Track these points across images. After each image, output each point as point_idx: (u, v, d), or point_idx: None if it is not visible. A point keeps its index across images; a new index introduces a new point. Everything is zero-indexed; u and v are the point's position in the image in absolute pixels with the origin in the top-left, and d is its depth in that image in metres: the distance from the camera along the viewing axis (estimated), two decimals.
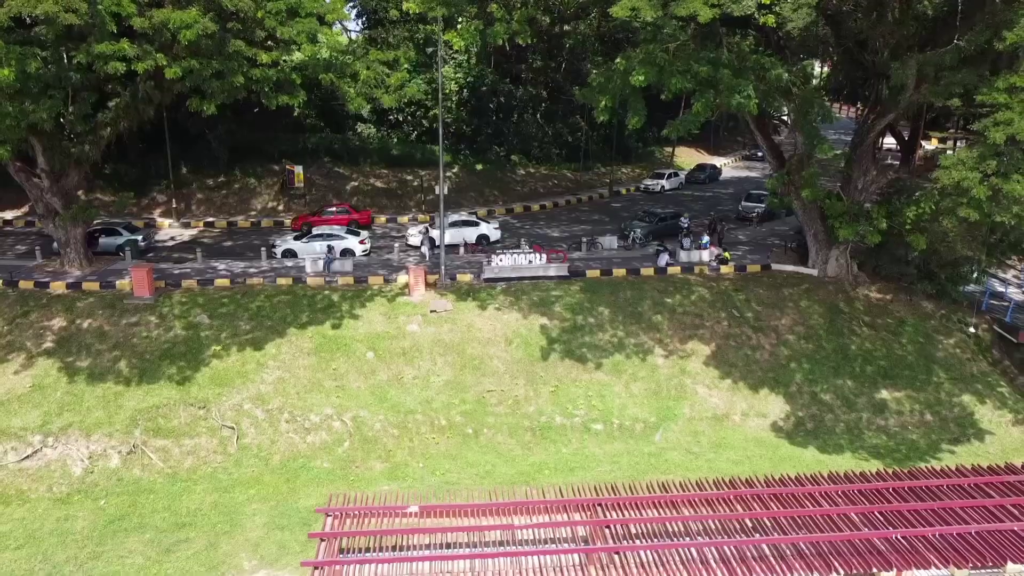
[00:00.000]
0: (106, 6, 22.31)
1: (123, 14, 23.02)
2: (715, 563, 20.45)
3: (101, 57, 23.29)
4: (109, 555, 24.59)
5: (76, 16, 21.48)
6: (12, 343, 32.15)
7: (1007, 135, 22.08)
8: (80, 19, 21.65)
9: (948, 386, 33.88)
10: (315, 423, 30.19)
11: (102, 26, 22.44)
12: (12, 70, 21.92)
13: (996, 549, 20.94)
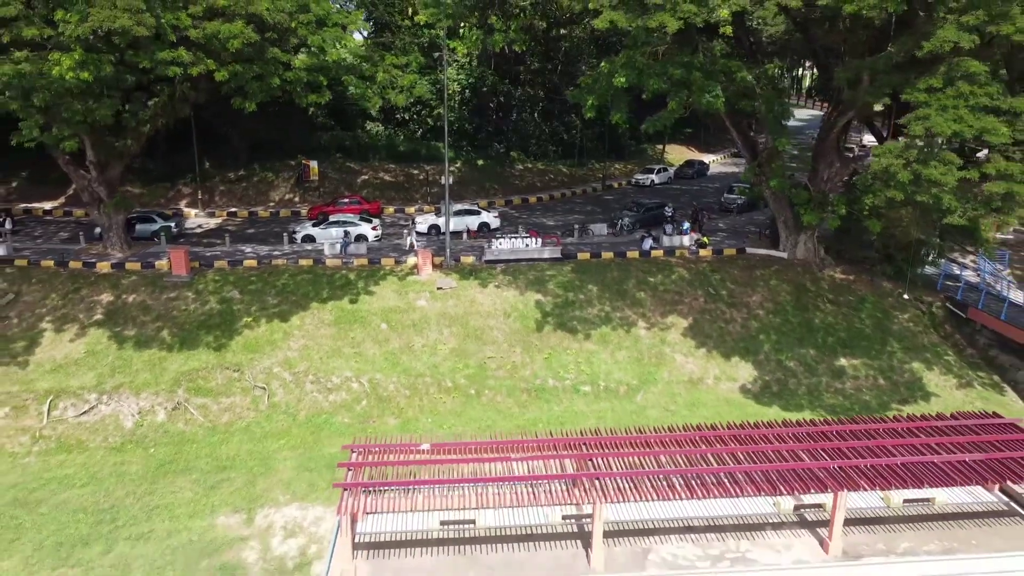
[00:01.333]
0: (167, 20, 26.10)
1: (181, 26, 26.77)
2: (680, 487, 24.32)
3: (162, 62, 27.07)
4: (162, 491, 28.43)
5: (145, 29, 25.28)
6: (66, 315, 36.04)
7: (925, 128, 25.82)
8: (148, 31, 25.46)
9: (900, 355, 37.70)
10: (336, 384, 34.04)
11: (164, 36, 26.24)
12: (90, 73, 25.73)
13: (917, 476, 24.85)
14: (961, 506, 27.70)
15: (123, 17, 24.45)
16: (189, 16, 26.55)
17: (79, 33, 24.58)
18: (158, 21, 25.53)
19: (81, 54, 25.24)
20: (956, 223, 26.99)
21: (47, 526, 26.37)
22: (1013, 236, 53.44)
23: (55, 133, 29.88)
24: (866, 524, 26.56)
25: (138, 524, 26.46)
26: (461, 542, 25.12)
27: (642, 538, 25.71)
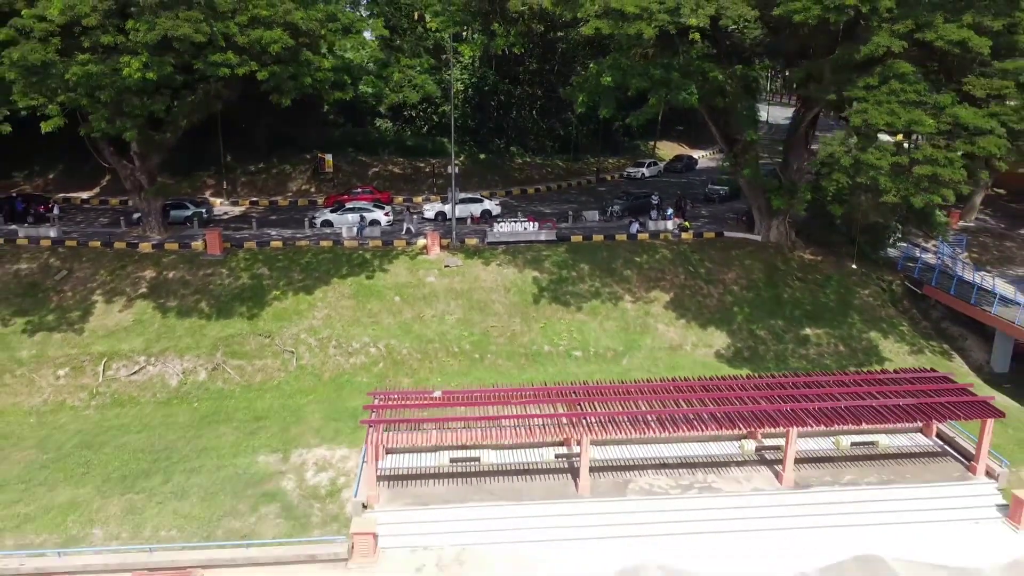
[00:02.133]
0: (219, 29, 30.11)
1: (230, 33, 30.77)
2: (654, 424, 28.65)
3: (214, 64, 31.17)
4: (207, 436, 32.60)
5: (202, 35, 29.35)
6: (115, 289, 40.24)
7: (863, 120, 29.89)
8: (204, 37, 29.55)
9: (860, 325, 41.88)
10: (356, 349, 38.22)
11: (216, 42, 30.31)
12: (154, 73, 29.82)
13: (857, 416, 29.30)
14: (901, 448, 32.19)
15: (184, 26, 28.51)
16: (236, 25, 30.63)
17: (147, 39, 28.69)
18: (212, 29, 29.61)
19: (147, 57, 29.33)
20: (891, 201, 31.01)
21: (111, 463, 30.53)
22: (975, 224, 57.60)
23: (118, 125, 34.02)
24: (818, 463, 31.00)
25: (190, 461, 30.64)
26: (468, 475, 29.55)
27: (623, 472, 30.16)
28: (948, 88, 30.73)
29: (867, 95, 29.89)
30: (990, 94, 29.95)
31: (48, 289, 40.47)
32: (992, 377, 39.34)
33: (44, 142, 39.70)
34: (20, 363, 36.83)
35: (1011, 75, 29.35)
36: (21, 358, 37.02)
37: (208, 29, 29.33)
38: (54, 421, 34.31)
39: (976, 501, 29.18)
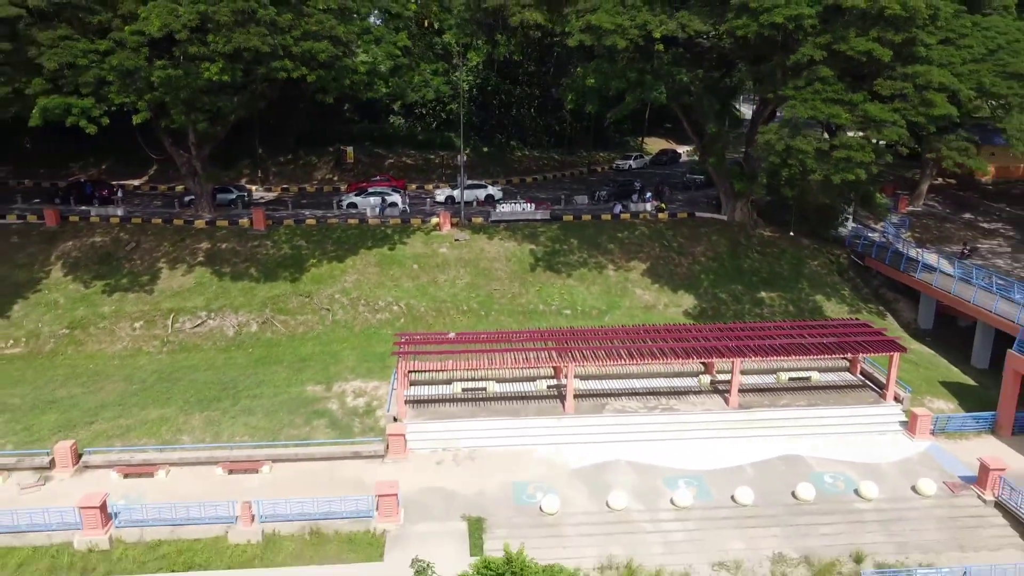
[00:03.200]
0: (279, 41, 36.88)
1: (287, 45, 37.59)
2: (625, 355, 35.59)
3: (276, 69, 37.98)
4: (263, 373, 39.47)
5: (267, 47, 36.23)
6: (177, 257, 47.20)
7: (792, 113, 36.76)
8: (268, 48, 36.36)
9: (808, 290, 48.76)
10: (381, 307, 45.16)
11: (276, 51, 37.11)
12: (228, 76, 36.64)
13: (789, 350, 36.15)
14: (830, 382, 39.26)
15: (254, 39, 35.28)
16: (292, 37, 37.35)
17: (224, 50, 35.48)
18: (274, 41, 36.33)
19: (223, 63, 36.11)
20: (817, 179, 37.85)
21: (188, 391, 37.40)
22: (922, 209, 64.47)
23: (192, 118, 40.91)
24: (761, 392, 38.04)
25: (251, 390, 37.50)
26: (477, 400, 36.48)
27: (601, 398, 37.17)
28: (861, 89, 37.56)
29: (796, 94, 36.74)
30: (893, 93, 36.79)
31: (120, 258, 47.48)
32: (918, 332, 46.27)
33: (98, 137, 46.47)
34: (102, 317, 43.84)
35: (910, 78, 36.22)
36: (103, 313, 44.02)
37: (272, 41, 36.10)
38: (134, 363, 41.28)
39: (883, 419, 36.13)
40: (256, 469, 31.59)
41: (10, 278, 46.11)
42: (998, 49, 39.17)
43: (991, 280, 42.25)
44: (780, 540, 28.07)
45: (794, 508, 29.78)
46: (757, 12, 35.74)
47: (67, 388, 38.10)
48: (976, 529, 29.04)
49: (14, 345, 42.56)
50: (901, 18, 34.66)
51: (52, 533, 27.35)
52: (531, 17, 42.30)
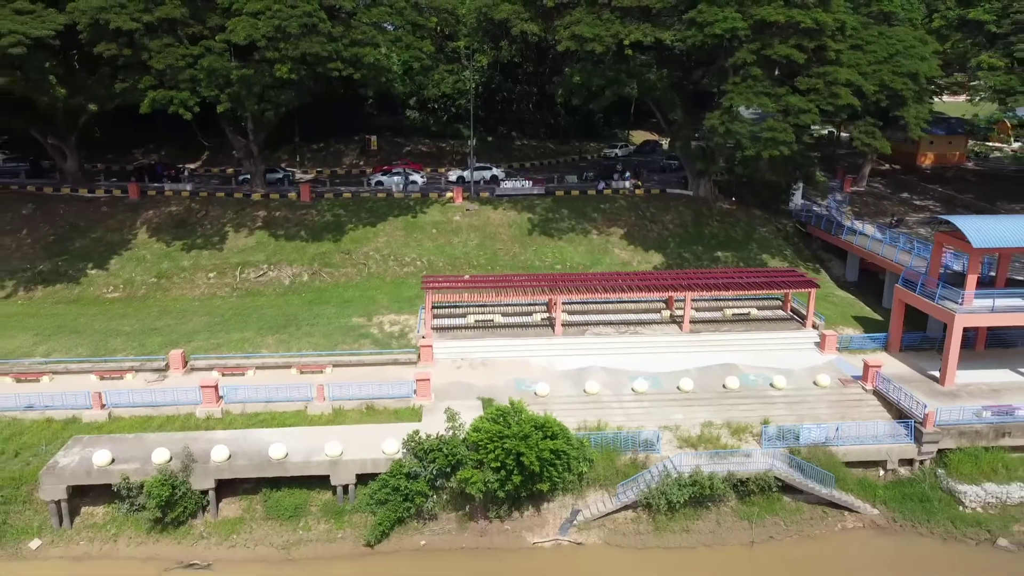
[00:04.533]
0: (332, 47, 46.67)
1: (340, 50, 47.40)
2: (601, 288, 45.59)
3: (329, 69, 47.70)
4: (316, 310, 49.24)
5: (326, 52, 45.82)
6: (240, 223, 57.10)
7: (731, 102, 46.66)
8: (326, 53, 46.08)
9: (757, 250, 58.59)
10: (407, 262, 55.02)
11: (331, 55, 46.87)
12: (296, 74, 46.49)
13: (729, 287, 46.12)
14: (765, 316, 48.93)
15: (316, 46, 45.14)
16: (343, 44, 47.12)
17: (293, 55, 45.30)
18: (330, 47, 46.18)
19: (291, 64, 45.91)
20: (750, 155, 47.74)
21: (259, 322, 47.20)
22: (865, 189, 74.43)
23: (262, 108, 50.83)
24: (709, 323, 47.71)
25: (309, 321, 47.28)
26: (486, 327, 46.22)
27: (583, 326, 46.99)
28: (785, 84, 47.43)
29: (734, 88, 46.58)
30: (809, 88, 46.67)
31: (193, 223, 57.41)
32: (844, 283, 56.12)
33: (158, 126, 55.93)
34: (183, 269, 53.77)
35: (821, 76, 46.09)
36: (183, 266, 53.95)
37: (328, 47, 45.84)
38: (211, 304, 51.18)
39: (801, 340, 45.99)
40: (321, 370, 41.50)
41: (104, 239, 56.07)
42: (897, 53, 49.16)
43: (897, 239, 52.35)
44: (710, 413, 37.98)
45: (723, 394, 39.71)
46: (703, 25, 45.66)
47: (163, 321, 47.98)
48: (857, 407, 38.97)
49: (114, 291, 52.52)
50: (813, 30, 44.53)
51: (179, 407, 37.27)
52: (528, 28, 52.12)
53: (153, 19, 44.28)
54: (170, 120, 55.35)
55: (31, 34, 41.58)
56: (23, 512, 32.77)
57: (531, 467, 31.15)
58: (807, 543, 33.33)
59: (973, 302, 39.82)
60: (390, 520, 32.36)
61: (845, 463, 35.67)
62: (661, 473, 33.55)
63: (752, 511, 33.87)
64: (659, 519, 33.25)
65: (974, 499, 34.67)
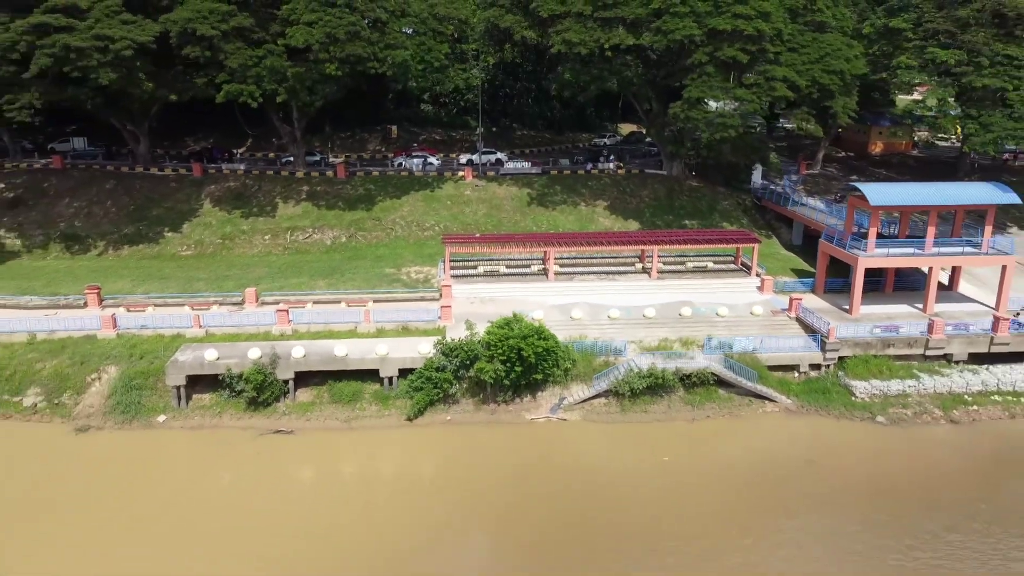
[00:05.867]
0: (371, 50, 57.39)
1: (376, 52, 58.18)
2: (586, 243, 56.46)
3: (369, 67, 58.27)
4: (355, 263, 59.88)
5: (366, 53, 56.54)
6: (287, 195, 67.89)
7: (689, 95, 57.42)
8: (366, 54, 56.75)
9: (719, 219, 69.35)
10: (427, 227, 65.79)
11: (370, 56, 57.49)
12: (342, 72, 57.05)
13: (689, 242, 57.01)
14: (719, 268, 59.67)
15: (359, 48, 55.80)
16: (378, 47, 57.77)
17: (340, 56, 55.96)
18: (370, 49, 56.90)
19: (338, 64, 56.56)
20: (706, 137, 58.48)
21: (309, 270, 57.86)
22: (819, 172, 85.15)
23: (310, 99, 61.51)
24: (673, 274, 58.40)
25: (350, 271, 57.92)
26: (493, 275, 57.01)
27: (572, 275, 57.54)
28: (733, 79, 58.35)
29: (692, 83, 57.48)
30: (754, 83, 57.50)
31: (249, 196, 68.21)
32: (790, 246, 66.81)
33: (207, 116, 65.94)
34: (243, 232, 64.57)
35: (762, 73, 56.92)
36: (243, 230, 64.76)
37: (368, 49, 56.56)
38: (268, 259, 61.93)
39: (746, 285, 56.66)
40: (364, 304, 52.28)
41: (176, 208, 66.85)
42: (826, 55, 59.97)
43: (829, 207, 63.22)
44: (667, 332, 48.70)
45: (678, 320, 50.49)
46: (666, 32, 56.49)
47: (231, 271, 58.68)
48: (782, 329, 49.70)
49: (187, 249, 63.34)
50: (755, 36, 55.37)
51: (259, 327, 48.03)
52: (527, 34, 62.72)
53: (228, 27, 54.90)
54: (217, 111, 65.96)
55: (137, 39, 52.35)
56: (151, 396, 43.63)
57: (529, 359, 41.99)
58: (735, 421, 44.15)
59: (874, 249, 50.72)
60: (424, 402, 43.16)
61: (768, 367, 46.46)
62: (626, 369, 44.38)
63: (694, 398, 44.71)
64: (624, 403, 44.07)
65: (863, 391, 45.49)
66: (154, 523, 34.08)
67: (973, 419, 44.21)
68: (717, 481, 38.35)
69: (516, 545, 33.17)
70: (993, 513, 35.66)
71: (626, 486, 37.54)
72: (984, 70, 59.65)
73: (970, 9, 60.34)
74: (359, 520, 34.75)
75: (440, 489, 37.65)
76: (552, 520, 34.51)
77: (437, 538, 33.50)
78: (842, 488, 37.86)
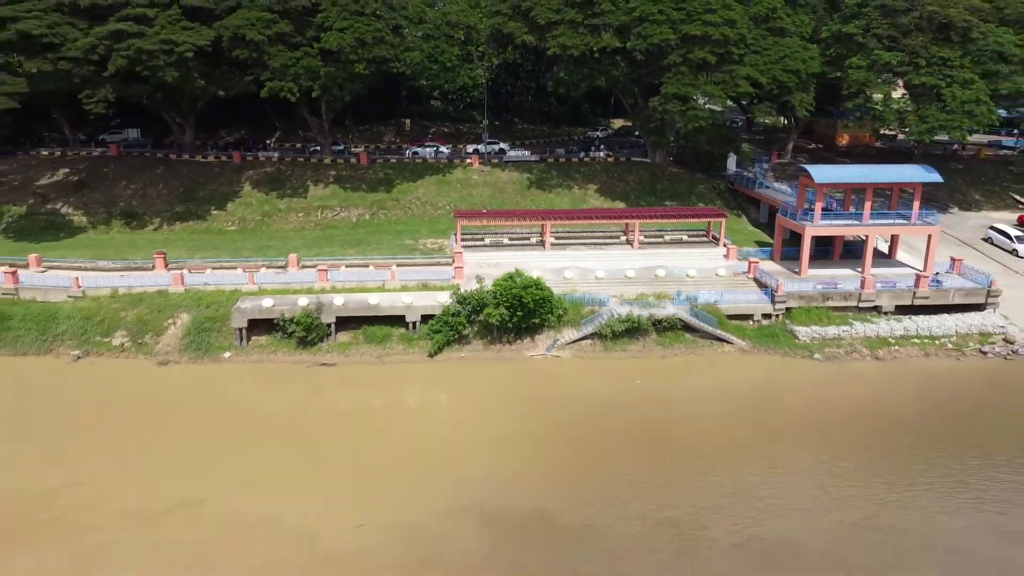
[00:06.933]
0: (393, 52, 66.36)
1: (397, 53, 67.36)
2: (577, 219, 65.55)
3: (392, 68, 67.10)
4: (378, 236, 68.72)
5: (389, 55, 65.57)
6: (317, 179, 76.83)
7: (666, 91, 66.35)
8: (389, 55, 65.80)
9: (695, 201, 78.23)
10: (440, 206, 74.71)
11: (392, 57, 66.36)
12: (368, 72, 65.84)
13: (664, 216, 66.14)
14: (693, 240, 68.65)
15: (384, 51, 64.67)
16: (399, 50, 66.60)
17: (368, 57, 64.85)
18: (392, 51, 65.91)
19: (365, 64, 65.45)
20: (681, 126, 67.42)
21: (339, 242, 66.74)
22: (789, 160, 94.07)
23: (340, 95, 70.49)
24: (652, 245, 67.42)
25: (375, 242, 66.83)
26: (497, 246, 66.05)
27: (564, 246, 66.61)
28: (704, 77, 67.30)
29: (668, 80, 66.45)
30: (723, 80, 66.48)
31: (283, 180, 77.14)
32: (757, 223, 75.72)
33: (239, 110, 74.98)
34: (279, 210, 73.53)
35: (728, 72, 65.90)
36: (280, 208, 73.72)
37: (391, 52, 65.51)
38: (303, 233, 70.86)
39: (714, 253, 65.56)
40: (388, 267, 61.25)
41: (219, 190, 75.78)
42: (785, 56, 68.96)
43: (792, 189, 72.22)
44: (644, 288, 57.52)
45: (654, 279, 59.38)
46: (646, 36, 65.55)
47: (272, 242, 67.54)
48: (742, 286, 58.62)
49: (231, 225, 72.29)
50: (721, 40, 64.39)
51: (303, 284, 56.99)
52: (527, 38, 71.51)
53: (271, 32, 63.79)
54: (248, 106, 74.77)
55: (196, 43, 61.36)
56: (218, 337, 52.58)
57: (529, 305, 50.95)
58: (699, 358, 53.05)
59: (819, 220, 59.70)
60: (442, 342, 52.09)
61: (728, 316, 55.35)
62: (608, 316, 53.30)
63: (665, 340, 53.65)
64: (607, 343, 53.02)
65: (804, 335, 54.42)
66: (223, 435, 42.77)
67: (894, 357, 53.19)
68: (682, 403, 47.37)
69: (519, 452, 41.80)
70: (905, 427, 44.74)
71: (607, 407, 46.40)
72: (921, 69, 68.57)
73: (910, 17, 69.21)
74: (388, 433, 43.59)
75: (455, 411, 46.62)
76: (548, 433, 43.19)
77: (452, 447, 42.20)
78: (782, 408, 46.99)
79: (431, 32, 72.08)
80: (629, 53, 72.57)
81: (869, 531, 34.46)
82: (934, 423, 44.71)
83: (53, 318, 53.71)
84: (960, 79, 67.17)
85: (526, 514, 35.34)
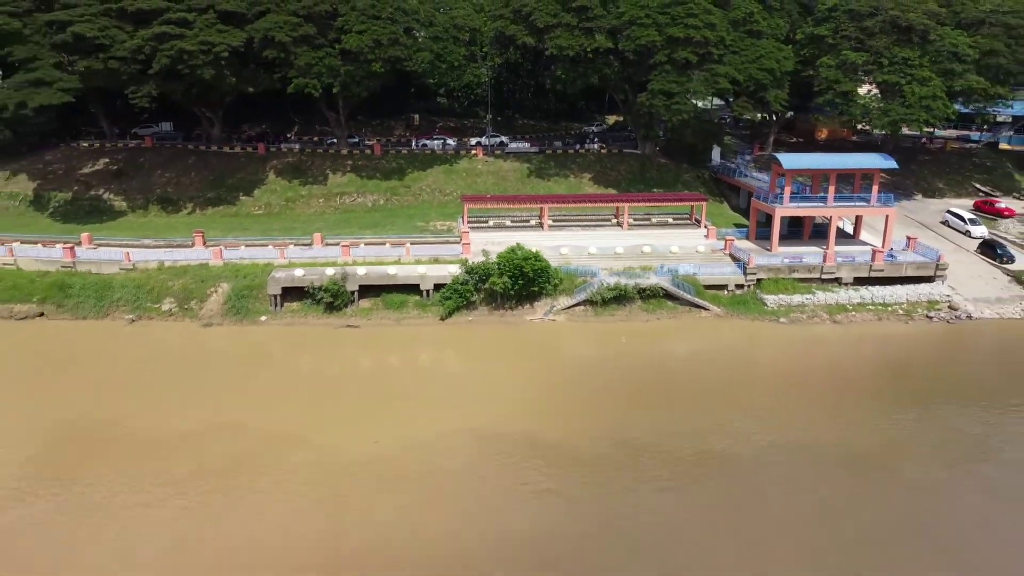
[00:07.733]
0: (406, 53, 72.98)
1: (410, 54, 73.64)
2: (572, 202, 72.41)
3: (405, 67, 73.74)
4: (392, 219, 75.43)
5: (403, 55, 72.27)
6: (335, 168, 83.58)
7: (652, 88, 72.97)
8: (403, 55, 72.39)
9: (681, 189, 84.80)
10: (447, 192, 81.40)
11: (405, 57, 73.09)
12: (384, 70, 72.46)
13: (650, 201, 73.03)
14: (678, 223, 75.56)
15: (398, 51, 71.41)
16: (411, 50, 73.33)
17: (384, 57, 71.52)
18: (406, 52, 72.58)
19: (382, 63, 72.18)
20: (672, 123, 74.27)
21: (358, 224, 73.44)
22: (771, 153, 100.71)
23: (358, 91, 77.25)
24: (641, 227, 74.32)
25: (389, 224, 73.60)
26: (500, 227, 72.89)
27: (561, 227, 73.51)
28: (688, 75, 74.09)
29: (654, 78, 73.17)
30: (705, 77, 73.30)
31: (304, 169, 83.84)
32: (738, 208, 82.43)
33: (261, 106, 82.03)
34: (302, 196, 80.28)
35: (708, 70, 72.68)
36: (302, 194, 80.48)
37: (405, 52, 72.26)
38: (323, 216, 77.62)
39: (696, 234, 72.33)
40: (403, 244, 68.05)
41: (246, 179, 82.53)
42: (761, 56, 75.75)
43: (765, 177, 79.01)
44: (631, 262, 64.25)
45: (640, 255, 66.13)
46: (634, 38, 72.31)
47: (296, 224, 74.33)
48: (718, 262, 65.46)
49: (259, 210, 79.07)
50: (702, 42, 71.17)
51: (328, 258, 63.72)
52: (527, 40, 78.13)
53: (297, 35, 70.51)
54: (268, 101, 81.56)
55: (231, 44, 68.15)
56: (255, 303, 59.35)
57: (529, 275, 57.71)
58: (679, 322, 59.78)
59: (788, 203, 66.50)
60: (452, 307, 58.85)
61: (705, 286, 62.12)
62: (599, 285, 60.04)
63: (648, 306, 60.44)
64: (597, 309, 59.79)
65: (772, 303, 61.22)
66: (263, 385, 49.32)
67: (850, 321, 60.03)
68: (662, 359, 54.20)
69: (517, 395, 48.35)
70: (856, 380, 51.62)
71: (597, 362, 53.25)
72: (885, 68, 75.33)
73: (875, 20, 75.97)
74: (404, 382, 50.34)
75: (464, 368, 53.31)
76: (546, 383, 49.72)
77: (459, 392, 48.82)
78: (750, 363, 53.85)
79: (439, 34, 78.78)
80: (620, 53, 79.36)
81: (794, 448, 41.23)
82: (882, 375, 51.62)
83: (108, 287, 60.50)
84: (919, 77, 73.91)
85: (516, 436, 41.89)
